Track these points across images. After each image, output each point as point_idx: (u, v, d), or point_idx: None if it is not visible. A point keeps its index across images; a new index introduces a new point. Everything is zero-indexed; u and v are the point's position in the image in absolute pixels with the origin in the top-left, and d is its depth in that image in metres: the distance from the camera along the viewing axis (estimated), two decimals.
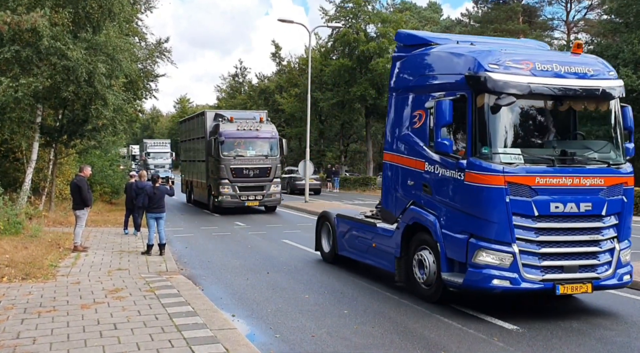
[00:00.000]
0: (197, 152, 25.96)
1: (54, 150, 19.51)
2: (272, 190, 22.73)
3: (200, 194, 25.87)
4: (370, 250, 10.38)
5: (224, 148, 21.95)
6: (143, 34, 29.11)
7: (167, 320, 7.08)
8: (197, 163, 26.16)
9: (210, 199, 23.56)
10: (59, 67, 15.46)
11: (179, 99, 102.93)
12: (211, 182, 23.17)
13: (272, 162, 22.68)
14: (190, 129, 28.36)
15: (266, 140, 22.82)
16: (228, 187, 21.96)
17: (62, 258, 11.58)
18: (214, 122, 23.66)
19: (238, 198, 22.16)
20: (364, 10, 44.78)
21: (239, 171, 22.07)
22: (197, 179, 26.48)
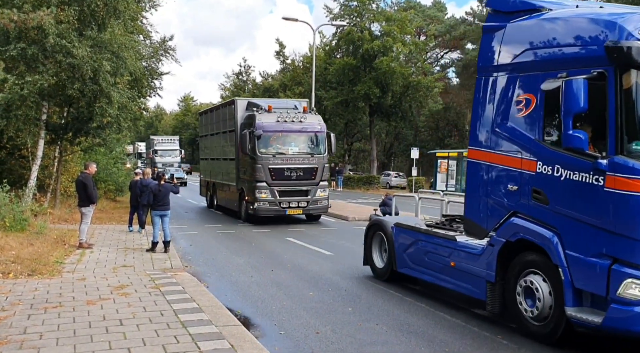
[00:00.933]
0: (224, 148, 22.14)
1: (59, 148, 19.59)
2: (318, 195, 18.90)
3: (228, 199, 21.94)
4: (447, 270, 8.30)
5: (262, 144, 18.24)
6: (148, 32, 29.19)
7: (173, 317, 7.12)
8: (223, 162, 22.37)
9: (241, 206, 19.80)
10: (64, 64, 15.53)
11: (183, 97, 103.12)
12: (243, 185, 19.38)
13: (319, 161, 18.97)
14: (214, 122, 24.08)
15: (312, 135, 19.10)
16: (266, 191, 18.17)
17: (67, 255, 11.64)
18: (246, 112, 19.81)
19: (278, 205, 18.38)
20: (368, 9, 44.75)
21: (279, 172, 18.32)
22: (222, 181, 22.56)
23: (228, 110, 21.41)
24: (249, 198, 18.75)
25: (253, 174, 18.32)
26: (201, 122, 27.96)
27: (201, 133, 27.61)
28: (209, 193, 25.37)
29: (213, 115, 24.32)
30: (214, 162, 23.98)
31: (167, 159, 53.27)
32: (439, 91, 47.66)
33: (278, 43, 61.10)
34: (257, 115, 18.49)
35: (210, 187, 24.94)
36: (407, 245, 9.37)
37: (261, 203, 18.23)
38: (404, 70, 42.84)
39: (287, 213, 18.76)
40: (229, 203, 21.71)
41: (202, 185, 27.18)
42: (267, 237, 16.13)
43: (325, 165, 19.19)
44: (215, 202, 24.20)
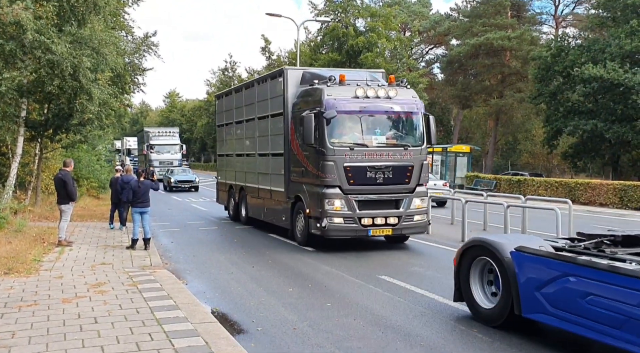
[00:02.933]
0: (262, 140, 16.14)
1: (39, 145, 19.39)
2: (414, 207, 12.83)
3: (269, 210, 15.73)
4: (636, 327, 5.48)
5: (333, 131, 12.45)
6: (130, 28, 28.92)
7: (148, 314, 7.09)
8: (260, 159, 16.41)
9: (296, 222, 13.80)
10: (43, 61, 15.34)
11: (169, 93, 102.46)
12: (300, 191, 13.43)
13: (415, 156, 12.88)
14: (242, 104, 17.91)
15: (405, 117, 13.11)
16: (340, 201, 12.36)
17: (46, 252, 11.55)
18: (301, 87, 13.95)
19: (357, 223, 12.42)
20: (353, 5, 44.70)
21: (359, 173, 12.41)
22: (258, 185, 16.38)
23: (271, 86, 15.23)
24: (311, 212, 12.84)
25: (319, 176, 12.48)
26: (220, 107, 21.17)
27: (219, 121, 20.86)
28: (232, 201, 19.11)
29: (241, 97, 18.10)
30: (243, 160, 18.02)
31: (165, 155, 44.84)
32: (424, 87, 47.76)
33: (263, 39, 60.92)
34: (324, 90, 12.57)
35: (234, 193, 18.74)
36: (545, 281, 6.44)
37: (333, 219, 12.34)
38: (389, 66, 42.88)
39: (371, 235, 12.56)
40: (270, 216, 15.66)
41: (220, 190, 20.65)
42: (249, 233, 16.08)
43: (425, 162, 13.15)
44: (244, 212, 17.86)
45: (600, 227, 17.47)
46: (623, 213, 22.28)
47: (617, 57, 33.55)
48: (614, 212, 23.13)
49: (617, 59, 33.36)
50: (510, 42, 48.63)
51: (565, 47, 38.65)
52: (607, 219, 20.28)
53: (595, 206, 25.12)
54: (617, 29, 34.64)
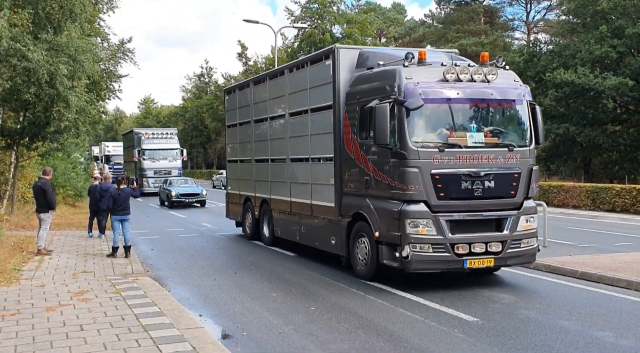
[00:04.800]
0: (296, 141, 12.97)
1: (15, 153, 19.16)
2: (521, 228, 9.67)
3: (308, 232, 12.49)
4: None
5: (415, 126, 9.34)
6: (105, 35, 28.79)
7: (134, 321, 7.11)
8: (289, 165, 13.26)
9: (354, 248, 10.50)
10: (19, 68, 15.21)
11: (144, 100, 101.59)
12: (366, 207, 10.08)
13: (523, 159, 9.75)
14: (266, 98, 14.56)
15: (507, 107, 9.90)
16: (427, 221, 9.18)
17: (25, 262, 11.44)
18: (357, 71, 10.85)
19: (450, 251, 9.19)
20: (329, 11, 45.09)
21: (451, 182, 9.29)
22: (287, 198, 13.29)
23: (311, 74, 12.07)
24: (383, 236, 9.56)
25: (396, 187, 9.32)
26: (231, 103, 17.51)
27: (230, 121, 17.46)
28: (249, 217, 15.84)
29: (263, 89, 14.81)
30: (266, 167, 14.56)
31: (161, 163, 36.33)
32: None
33: (240, 45, 60.86)
34: (401, 71, 9.37)
35: (252, 207, 15.42)
36: None
37: (417, 246, 9.09)
38: None
39: (467, 267, 9.32)
40: (310, 238, 12.41)
41: (232, 202, 17.21)
42: (231, 239, 16.11)
43: (535, 168, 9.97)
44: (267, 231, 14.63)
45: (574, 229, 17.89)
46: (595, 215, 22.83)
47: (587, 62, 34.40)
48: (586, 213, 23.68)
49: (587, 64, 34.21)
50: (484, 48, 49.43)
51: (537, 52, 39.49)
52: (580, 221, 20.76)
53: (569, 208, 25.67)
54: (587, 35, 35.51)
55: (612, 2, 33.80)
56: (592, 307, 8.48)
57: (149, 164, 36.23)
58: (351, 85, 10.77)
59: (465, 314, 7.91)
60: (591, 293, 9.28)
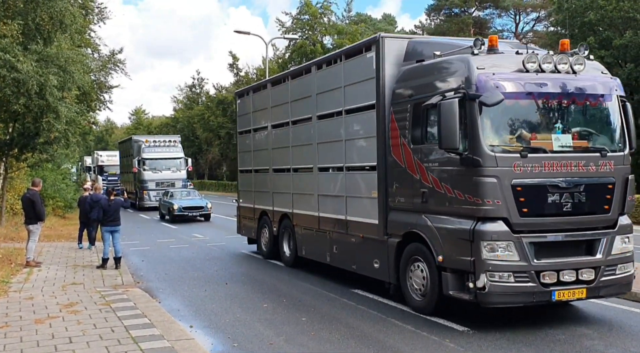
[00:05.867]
0: (326, 148, 11.35)
1: (4, 164, 19.05)
2: (616, 251, 8.06)
3: (342, 252, 10.77)
4: None
5: (490, 126, 7.78)
6: (96, 46, 28.76)
7: (124, 333, 7.06)
8: (317, 175, 11.67)
9: (413, 275, 8.73)
10: (8, 79, 15.15)
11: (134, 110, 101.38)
12: (423, 225, 8.46)
13: (617, 166, 8.18)
14: (288, 99, 12.95)
15: (596, 104, 8.37)
16: (506, 245, 7.53)
17: (14, 274, 11.34)
18: (406, 64, 9.34)
19: (535, 280, 7.53)
20: (320, 22, 45.31)
21: (536, 195, 7.72)
22: (315, 212, 11.60)
23: (347, 69, 10.48)
24: (448, 260, 7.94)
25: (467, 201, 7.73)
26: (243, 108, 15.92)
27: (242, 127, 15.87)
28: (266, 233, 14.20)
29: (283, 90, 13.25)
30: (288, 177, 12.98)
31: (164, 174, 32.73)
32: None
33: (231, 55, 61.03)
34: (471, 61, 7.88)
35: (270, 222, 13.78)
36: None
37: (495, 275, 7.49)
38: None
39: (556, 299, 7.69)
40: (345, 260, 10.67)
41: (244, 217, 15.68)
42: (222, 250, 16.05)
43: (630, 177, 8.40)
44: (287, 249, 13.06)
45: None
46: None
47: None
48: None
49: None
50: None
51: None
52: None
53: None
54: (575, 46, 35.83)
55: (600, 14, 34.25)
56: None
57: (150, 174, 32.40)
58: (399, 81, 9.17)
59: (457, 324, 7.91)
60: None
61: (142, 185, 32.50)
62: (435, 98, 8.04)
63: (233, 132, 60.14)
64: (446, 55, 8.50)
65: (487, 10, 57.05)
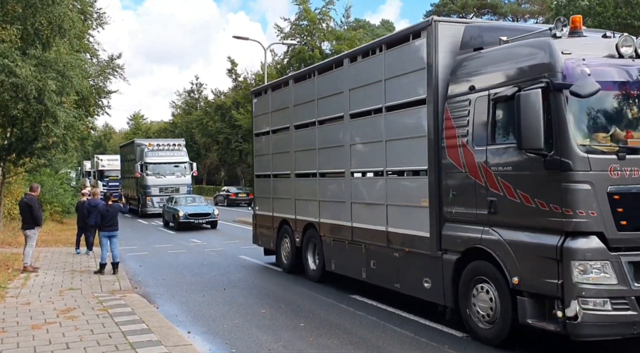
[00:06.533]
0: (361, 150, 10.24)
1: (1, 169, 18.97)
2: None
3: (382, 268, 9.55)
4: None
5: (579, 122, 6.56)
6: (95, 51, 28.76)
7: (121, 338, 7.03)
8: (351, 181, 10.45)
9: (476, 299, 7.39)
10: (6, 84, 15.13)
11: (133, 116, 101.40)
12: (491, 240, 7.15)
13: None
14: (311, 97, 11.86)
15: None
16: (602, 265, 6.30)
17: (11, 279, 11.30)
18: (463, 52, 8.14)
19: (636, 308, 6.27)
20: (318, 28, 45.40)
21: (636, 205, 6.48)
22: (348, 222, 10.40)
23: (389, 60, 9.29)
24: (525, 282, 6.71)
25: (548, 212, 6.54)
26: (260, 107, 14.66)
27: (259, 128, 14.60)
28: (287, 243, 12.98)
29: (309, 87, 12.01)
30: (314, 182, 11.73)
31: (168, 179, 31.21)
32: None
33: (230, 61, 61.11)
34: (553, 45, 6.68)
35: (292, 232, 12.56)
36: None
37: (589, 301, 6.24)
38: None
39: None
40: (388, 278, 9.36)
41: (261, 225, 14.45)
42: (220, 255, 16.01)
43: None
44: (312, 263, 11.94)
45: None
46: None
47: None
48: None
49: None
50: None
51: None
52: None
53: None
54: None
55: (597, 21, 34.39)
56: None
57: (153, 180, 30.79)
58: (456, 72, 8.00)
59: (456, 330, 7.88)
60: None
61: (145, 191, 30.95)
62: (508, 89, 6.85)
63: (231, 137, 60.57)
64: (516, 40, 7.35)
65: (485, 17, 57.31)
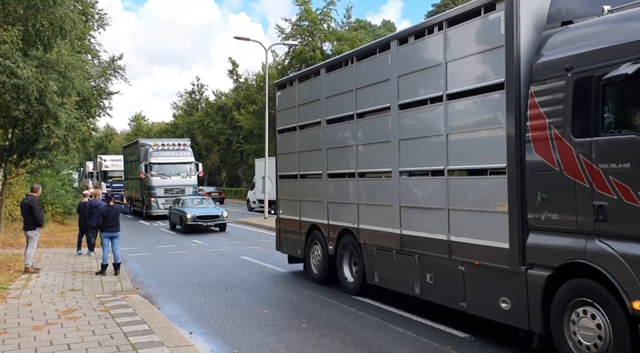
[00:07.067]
0: (414, 146, 8.77)
1: (3, 170, 19.01)
2: None
3: (441, 284, 8.10)
4: None
5: None
6: (96, 52, 28.79)
7: (123, 339, 7.01)
8: (399, 181, 9.02)
9: (578, 328, 6.02)
10: (8, 85, 15.14)
11: (134, 117, 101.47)
12: (602, 255, 5.75)
13: None
14: (348, 88, 10.48)
15: None
16: None
17: (12, 280, 11.29)
18: (550, 28, 6.81)
19: None
20: (319, 29, 45.42)
21: None
22: (396, 229, 9.01)
23: (459, 37, 7.88)
24: None
25: None
26: (285, 101, 13.24)
27: (283, 124, 13.22)
28: (317, 251, 11.65)
29: (348, 74, 10.53)
30: (353, 183, 10.29)
31: (174, 179, 30.45)
32: None
33: (231, 62, 61.18)
34: None
35: (325, 239, 11.26)
36: None
37: None
38: None
39: None
40: (451, 295, 7.94)
41: (286, 230, 13.05)
42: (221, 255, 15.99)
43: None
44: (350, 274, 10.62)
45: None
46: None
47: None
48: None
49: None
50: None
51: None
52: None
53: None
54: None
55: None
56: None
57: (158, 180, 29.93)
58: (544, 50, 6.63)
59: (458, 330, 7.85)
60: None
61: (149, 192, 30.07)
62: (626, 67, 5.48)
63: (233, 138, 60.53)
64: (626, 8, 6.14)
65: None
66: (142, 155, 31.73)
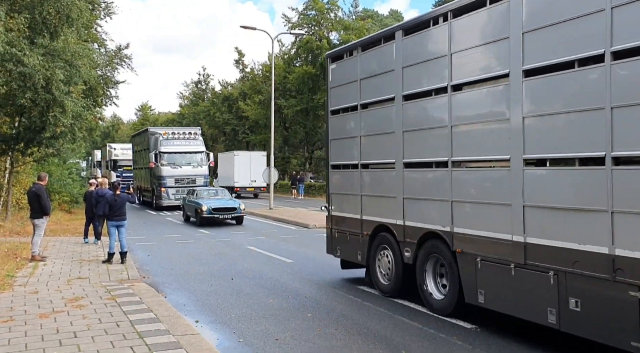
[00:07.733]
0: (551, 126, 6.36)
1: (10, 159, 19.07)
2: None
3: (585, 312, 5.94)
4: None
5: None
6: (102, 41, 28.78)
7: (129, 327, 7.02)
8: (519, 174, 6.73)
9: None
10: (14, 73, 15.15)
11: (141, 106, 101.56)
12: None
13: None
14: (442, 53, 8.03)
15: None
16: None
17: (19, 268, 11.33)
18: None
19: None
20: (326, 18, 45.23)
21: None
22: (518, 237, 6.74)
23: None
24: None
25: None
26: (341, 75, 10.92)
27: (339, 103, 10.92)
28: (387, 258, 9.57)
29: (438, 36, 8.24)
30: (443, 175, 8.09)
31: (184, 169, 29.29)
32: None
33: (237, 51, 61.03)
34: None
35: (398, 244, 9.19)
36: None
37: None
38: None
39: None
40: (613, 330, 5.70)
41: (340, 231, 10.89)
42: (227, 245, 16.01)
43: None
44: (451, 292, 8.08)
45: None
46: None
47: None
48: None
49: None
50: None
51: None
52: None
53: None
54: None
55: None
56: None
57: (168, 170, 28.84)
58: None
59: (465, 322, 7.82)
60: None
61: (159, 182, 29.02)
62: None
63: (238, 128, 60.42)
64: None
65: None
66: (151, 144, 30.66)
